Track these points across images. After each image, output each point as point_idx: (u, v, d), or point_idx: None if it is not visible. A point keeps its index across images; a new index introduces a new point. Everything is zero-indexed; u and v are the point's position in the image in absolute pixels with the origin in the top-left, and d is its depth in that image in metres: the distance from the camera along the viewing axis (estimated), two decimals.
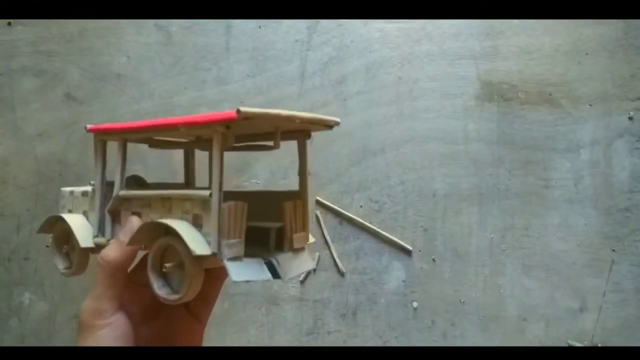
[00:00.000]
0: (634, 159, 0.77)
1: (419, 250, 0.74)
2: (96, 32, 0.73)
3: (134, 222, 0.37)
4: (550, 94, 0.77)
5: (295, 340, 0.71)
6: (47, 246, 0.71)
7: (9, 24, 0.72)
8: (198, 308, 0.40)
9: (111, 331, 0.35)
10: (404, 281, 0.73)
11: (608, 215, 0.76)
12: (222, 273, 0.38)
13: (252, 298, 0.71)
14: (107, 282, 0.36)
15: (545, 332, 0.74)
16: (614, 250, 0.75)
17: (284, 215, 0.37)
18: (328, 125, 0.38)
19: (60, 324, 0.71)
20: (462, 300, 0.74)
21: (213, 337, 0.70)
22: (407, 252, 0.73)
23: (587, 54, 0.78)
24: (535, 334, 0.74)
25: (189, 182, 0.51)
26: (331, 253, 0.73)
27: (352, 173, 0.74)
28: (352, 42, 0.75)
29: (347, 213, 0.73)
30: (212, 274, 0.38)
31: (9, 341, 0.70)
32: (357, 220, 0.73)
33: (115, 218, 0.40)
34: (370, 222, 0.73)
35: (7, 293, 0.70)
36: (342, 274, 0.73)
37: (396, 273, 0.73)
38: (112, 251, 0.36)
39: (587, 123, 0.77)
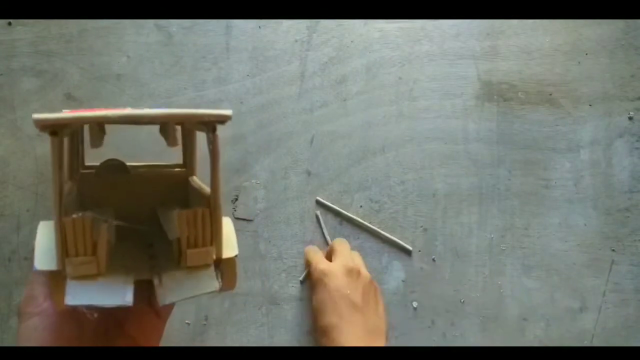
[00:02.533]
0: (634, 159, 0.77)
1: (419, 251, 0.74)
2: (96, 32, 0.73)
3: None
4: (550, 94, 0.77)
5: (295, 340, 0.71)
6: None
7: (9, 24, 0.72)
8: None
9: (40, 320, 0.33)
10: (403, 281, 0.73)
11: (608, 215, 0.76)
12: None
13: (252, 298, 0.71)
14: None
15: (545, 332, 0.74)
16: (613, 250, 0.76)
17: (179, 225, 0.31)
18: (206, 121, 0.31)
19: None
20: (462, 300, 0.74)
21: (213, 337, 0.70)
22: (407, 252, 0.73)
23: (587, 54, 0.78)
24: (535, 334, 0.74)
25: (186, 162, 0.47)
26: None
27: (352, 173, 0.74)
28: (352, 42, 0.75)
29: (347, 213, 0.73)
30: None
31: (9, 341, 0.70)
32: (357, 220, 0.73)
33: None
34: (370, 222, 0.73)
35: (7, 293, 0.70)
36: None
37: (396, 273, 0.73)
38: None
39: (587, 123, 0.77)
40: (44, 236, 0.30)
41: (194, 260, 0.32)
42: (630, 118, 0.77)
